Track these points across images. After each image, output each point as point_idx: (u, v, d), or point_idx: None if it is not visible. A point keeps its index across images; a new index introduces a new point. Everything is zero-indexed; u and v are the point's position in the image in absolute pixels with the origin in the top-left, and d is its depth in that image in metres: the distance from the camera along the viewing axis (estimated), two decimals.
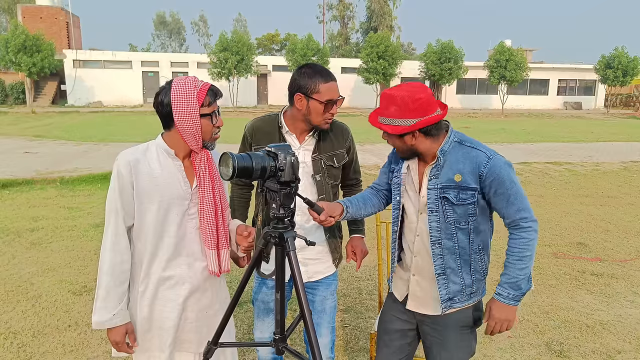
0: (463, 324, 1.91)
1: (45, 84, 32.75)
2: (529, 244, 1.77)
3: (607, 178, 9.75)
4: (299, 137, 2.18)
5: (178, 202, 1.78)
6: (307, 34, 30.74)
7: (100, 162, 10.10)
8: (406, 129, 1.74)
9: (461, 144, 1.82)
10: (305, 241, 1.65)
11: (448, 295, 1.85)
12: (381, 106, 1.81)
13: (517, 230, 1.79)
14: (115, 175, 1.75)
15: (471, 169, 1.77)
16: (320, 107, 2.06)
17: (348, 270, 4.65)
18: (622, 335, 3.48)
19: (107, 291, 1.75)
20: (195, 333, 1.88)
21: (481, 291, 1.93)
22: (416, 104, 1.73)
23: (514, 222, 1.78)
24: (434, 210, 1.82)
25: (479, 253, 1.87)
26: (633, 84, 38.47)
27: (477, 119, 28.46)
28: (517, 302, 1.81)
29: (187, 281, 1.83)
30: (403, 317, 1.99)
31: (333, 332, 2.34)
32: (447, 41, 30.68)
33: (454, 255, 1.83)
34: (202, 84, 1.72)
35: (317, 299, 2.26)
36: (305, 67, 2.11)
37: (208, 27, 72.20)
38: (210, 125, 1.74)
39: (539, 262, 4.94)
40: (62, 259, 4.82)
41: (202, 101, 1.70)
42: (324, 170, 2.18)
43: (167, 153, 1.79)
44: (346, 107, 35.06)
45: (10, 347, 3.20)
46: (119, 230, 1.75)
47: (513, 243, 1.79)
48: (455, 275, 1.85)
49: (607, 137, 17.92)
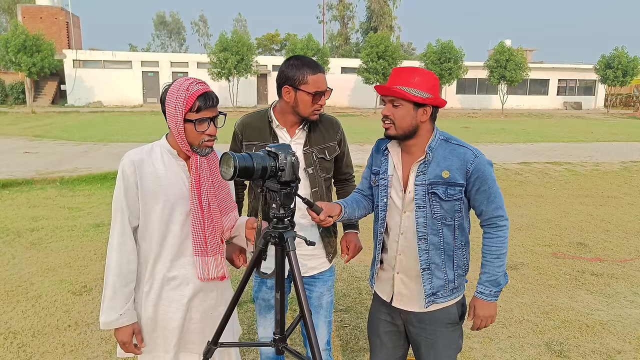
0: (449, 320, 1.93)
1: (45, 84, 32.75)
2: (505, 242, 1.86)
3: (607, 178, 9.75)
4: (289, 131, 2.17)
5: (182, 202, 1.78)
6: (307, 34, 30.75)
7: (100, 162, 10.10)
8: (427, 100, 1.78)
9: (447, 141, 1.87)
10: (305, 241, 1.65)
11: (432, 291, 1.88)
12: (398, 77, 1.81)
13: (494, 229, 1.86)
14: (120, 175, 1.76)
15: (459, 165, 1.81)
16: (309, 99, 2.06)
17: (348, 270, 4.65)
18: (622, 335, 3.48)
19: (114, 291, 1.75)
20: (200, 334, 1.88)
21: (462, 287, 1.96)
22: (435, 82, 1.82)
23: (491, 219, 1.86)
24: (421, 207, 1.84)
25: (462, 249, 1.92)
26: (633, 84, 38.48)
27: (477, 119, 28.46)
28: (497, 298, 1.89)
29: (191, 281, 1.83)
30: (389, 319, 2.01)
31: (330, 325, 2.37)
32: (447, 41, 30.65)
33: (439, 251, 1.87)
34: (196, 89, 1.68)
35: (314, 295, 2.28)
36: (292, 59, 2.10)
37: (208, 27, 72.29)
38: (194, 131, 1.71)
39: (538, 262, 4.94)
40: (62, 259, 4.82)
41: (189, 106, 1.68)
42: (316, 163, 2.18)
43: (170, 153, 1.79)
44: (346, 107, 35.09)
45: (10, 347, 3.20)
46: (125, 230, 1.76)
47: (490, 242, 1.87)
48: (439, 271, 1.88)
49: (607, 137, 17.92)
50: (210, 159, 1.82)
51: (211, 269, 1.82)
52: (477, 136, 17.61)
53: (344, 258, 2.35)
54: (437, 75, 29.42)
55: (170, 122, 1.71)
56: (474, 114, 31.76)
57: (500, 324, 3.63)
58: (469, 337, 3.39)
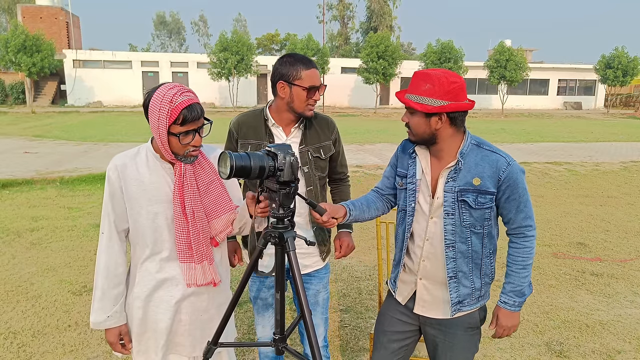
0: (469, 325, 1.91)
1: (45, 84, 32.75)
2: (532, 252, 1.82)
3: (607, 178, 9.75)
4: (285, 129, 2.18)
5: (167, 206, 1.76)
6: (307, 34, 30.75)
7: (100, 162, 10.10)
8: (436, 109, 1.70)
9: (479, 146, 1.80)
10: (305, 241, 1.64)
11: (458, 299, 1.85)
12: (412, 84, 1.77)
13: (521, 239, 1.82)
14: (106, 179, 1.77)
15: (491, 173, 1.75)
16: (303, 94, 2.08)
17: (348, 270, 4.65)
18: (622, 335, 3.48)
19: (103, 292, 1.77)
20: (189, 336, 1.87)
21: (488, 294, 1.93)
22: (451, 87, 1.71)
23: (519, 229, 1.81)
24: (450, 214, 1.79)
25: (490, 257, 1.87)
26: (633, 84, 38.47)
27: (477, 118, 28.45)
28: (520, 308, 1.86)
29: (180, 283, 1.82)
30: (404, 318, 1.98)
31: (326, 322, 2.39)
32: (447, 41, 30.65)
33: (467, 259, 1.83)
34: (180, 101, 1.62)
35: (310, 293, 2.29)
36: (286, 56, 2.13)
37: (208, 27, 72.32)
38: (179, 144, 1.67)
39: (539, 262, 4.94)
40: (62, 259, 4.82)
41: (173, 119, 1.62)
42: (311, 162, 2.19)
43: (155, 157, 1.77)
44: (346, 107, 35.09)
45: (10, 347, 3.20)
46: (112, 233, 1.77)
47: (517, 252, 1.82)
48: (466, 279, 1.84)
49: (607, 137, 17.91)
50: (195, 164, 1.77)
51: (198, 276, 1.80)
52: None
53: (336, 256, 2.36)
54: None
55: (154, 132, 1.67)
56: (474, 114, 31.74)
57: None
58: None
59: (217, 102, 33.75)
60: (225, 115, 26.78)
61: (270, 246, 1.67)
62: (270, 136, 2.17)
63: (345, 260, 4.85)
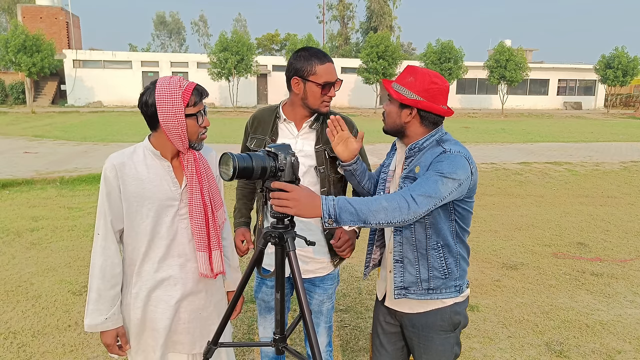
0: (442, 328, 1.89)
1: (45, 84, 32.76)
2: (392, 212, 1.59)
3: (607, 178, 9.75)
4: (297, 125, 2.13)
5: (167, 204, 1.76)
6: (307, 34, 30.73)
7: (100, 162, 10.10)
8: (409, 101, 1.75)
9: (439, 143, 1.79)
10: (305, 241, 1.64)
11: (402, 284, 1.85)
12: (400, 75, 1.84)
13: (398, 195, 1.63)
14: (102, 179, 1.74)
15: (429, 162, 1.74)
16: (318, 90, 2.02)
17: (348, 270, 4.65)
18: (622, 335, 3.48)
19: (99, 294, 1.75)
20: (188, 334, 1.87)
21: (444, 291, 1.85)
22: (430, 86, 1.76)
23: (406, 191, 1.64)
24: None
25: (438, 250, 1.81)
26: (633, 84, 38.51)
27: (477, 119, 28.45)
28: (329, 217, 1.55)
29: (179, 282, 1.82)
30: (388, 319, 2.01)
31: (330, 330, 2.36)
32: (447, 41, 30.68)
33: (412, 247, 1.83)
34: (187, 84, 1.70)
35: (314, 302, 2.25)
36: (301, 51, 2.08)
37: (208, 27, 72.33)
38: (196, 125, 1.71)
39: (538, 262, 4.94)
40: (62, 259, 4.82)
41: (187, 101, 1.68)
42: (328, 162, 2.13)
43: (154, 155, 1.77)
44: (346, 107, 35.10)
45: (10, 347, 3.20)
46: (108, 234, 1.75)
47: (388, 196, 1.63)
48: (411, 266, 1.84)
49: (607, 137, 17.92)
50: (201, 155, 1.83)
51: (215, 263, 1.81)
52: (477, 136, 17.62)
53: (332, 242, 2.14)
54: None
55: (167, 122, 1.68)
56: (474, 114, 31.76)
57: (500, 324, 3.63)
58: (469, 337, 3.39)
59: (217, 102, 33.75)
60: (225, 116, 26.77)
61: (270, 246, 1.67)
62: (275, 133, 2.14)
63: (345, 260, 4.85)
